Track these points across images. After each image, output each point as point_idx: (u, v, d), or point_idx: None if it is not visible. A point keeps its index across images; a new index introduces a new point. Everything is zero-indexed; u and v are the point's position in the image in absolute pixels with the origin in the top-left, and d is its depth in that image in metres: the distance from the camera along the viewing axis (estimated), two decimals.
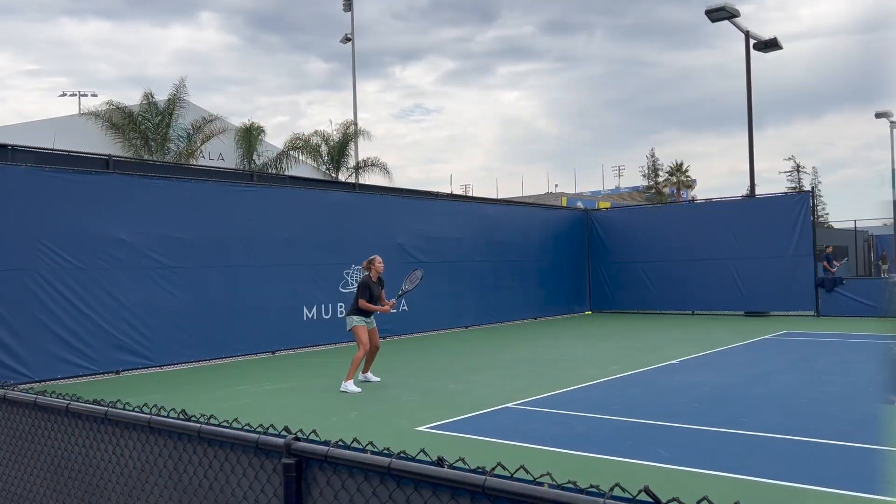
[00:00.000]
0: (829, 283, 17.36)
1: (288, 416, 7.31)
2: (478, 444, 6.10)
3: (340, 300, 13.84)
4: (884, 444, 5.64)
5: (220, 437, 2.46)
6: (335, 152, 28.98)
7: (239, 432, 2.39)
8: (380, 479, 2.01)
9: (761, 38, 20.27)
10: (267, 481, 2.33)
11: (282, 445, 2.21)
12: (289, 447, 2.19)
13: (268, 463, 2.32)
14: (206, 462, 2.55)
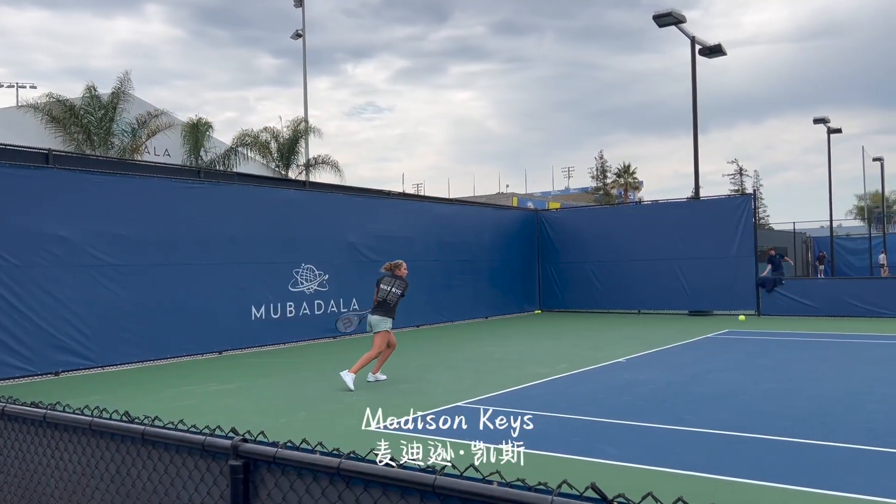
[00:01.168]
0: (770, 283, 17.91)
1: (235, 417, 7.19)
2: (427, 443, 6.10)
3: (290, 300, 13.68)
4: (821, 440, 5.85)
5: (164, 439, 2.41)
6: (285, 149, 28.62)
7: (184, 434, 2.35)
8: (329, 480, 1.99)
9: (706, 44, 20.80)
10: (213, 484, 2.29)
11: (229, 447, 2.18)
12: (236, 449, 2.16)
13: (214, 465, 2.29)
14: (151, 465, 2.49)
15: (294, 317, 13.75)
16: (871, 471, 5.03)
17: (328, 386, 9.05)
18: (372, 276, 15.41)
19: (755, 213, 18.52)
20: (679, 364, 10.30)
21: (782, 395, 7.72)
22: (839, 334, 13.51)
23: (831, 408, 7.05)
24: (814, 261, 41.19)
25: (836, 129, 33.58)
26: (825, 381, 8.52)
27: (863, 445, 5.62)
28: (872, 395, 7.63)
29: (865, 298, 16.67)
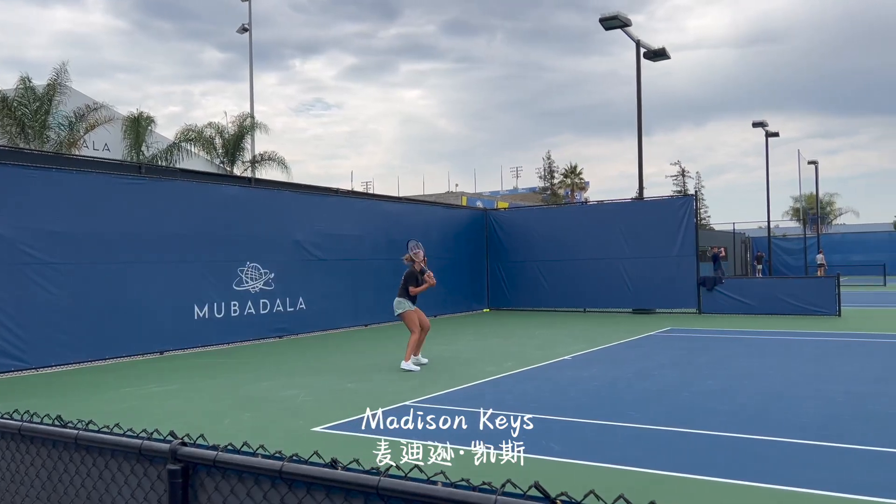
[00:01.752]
0: (710, 281, 18.40)
1: (176, 420, 7.02)
2: (374, 443, 6.07)
3: (234, 298, 13.43)
4: (758, 435, 6.03)
5: (99, 443, 2.33)
6: (230, 145, 28.12)
7: (120, 438, 2.27)
8: (271, 483, 1.96)
9: (651, 48, 21.23)
10: (151, 489, 2.23)
11: (167, 451, 2.11)
12: (174, 453, 2.10)
13: (152, 470, 2.22)
14: (84, 471, 2.40)
15: (239, 316, 13.51)
16: (801, 463, 5.21)
17: (274, 386, 8.92)
18: (318, 275, 15.30)
19: (697, 214, 19.01)
20: (623, 361, 10.49)
21: (721, 392, 7.93)
22: (776, 332, 13.96)
23: (768, 403, 7.27)
24: (752, 260, 42.51)
25: (774, 132, 34.68)
26: (762, 378, 8.78)
27: (796, 440, 5.82)
28: (806, 390, 7.91)
29: (800, 297, 17.27)
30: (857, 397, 7.43)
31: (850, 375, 8.78)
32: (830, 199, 68.18)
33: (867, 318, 16.20)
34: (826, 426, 6.22)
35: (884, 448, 5.49)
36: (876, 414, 6.66)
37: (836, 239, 46.61)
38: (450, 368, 10.11)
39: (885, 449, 5.47)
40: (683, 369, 9.63)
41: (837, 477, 4.83)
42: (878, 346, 11.50)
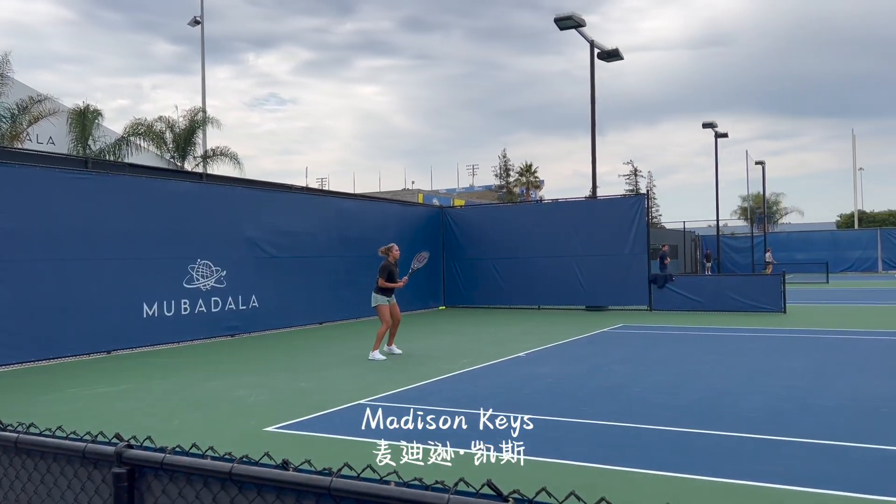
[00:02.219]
0: (661, 279, 18.76)
1: (124, 421, 6.86)
2: (328, 442, 6.03)
3: (185, 296, 13.17)
4: (706, 429, 6.17)
5: (41, 447, 2.25)
6: (181, 140, 27.55)
7: (63, 441, 2.21)
8: (221, 486, 1.92)
9: (604, 48, 21.51)
10: (95, 493, 2.17)
11: (112, 454, 2.06)
12: (120, 456, 2.05)
13: (97, 473, 2.16)
14: (25, 475, 2.33)
15: (189, 314, 13.25)
16: (746, 457, 5.35)
17: (226, 386, 8.78)
18: (272, 273, 15.10)
19: (648, 213, 19.35)
20: (576, 358, 10.62)
21: (671, 387, 8.10)
22: (724, 328, 14.31)
23: (715, 398, 7.45)
24: (701, 258, 43.46)
25: (723, 133, 35.50)
26: (710, 373, 9.00)
27: (741, 433, 5.98)
28: (751, 385, 8.12)
29: (747, 294, 17.74)
30: (800, 392, 7.66)
31: (794, 370, 9.05)
32: (777, 199, 70.18)
33: (811, 315, 16.72)
34: (770, 420, 6.41)
35: (824, 441, 5.67)
36: (817, 407, 6.88)
37: (782, 238, 47.99)
38: (405, 366, 10.10)
39: (826, 441, 5.65)
40: (634, 365, 9.80)
41: (779, 469, 4.98)
42: (821, 342, 11.89)
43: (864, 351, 10.74)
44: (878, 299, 21.71)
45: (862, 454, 5.31)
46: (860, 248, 44.94)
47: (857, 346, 11.34)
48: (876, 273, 42.87)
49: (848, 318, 16.05)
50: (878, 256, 44.38)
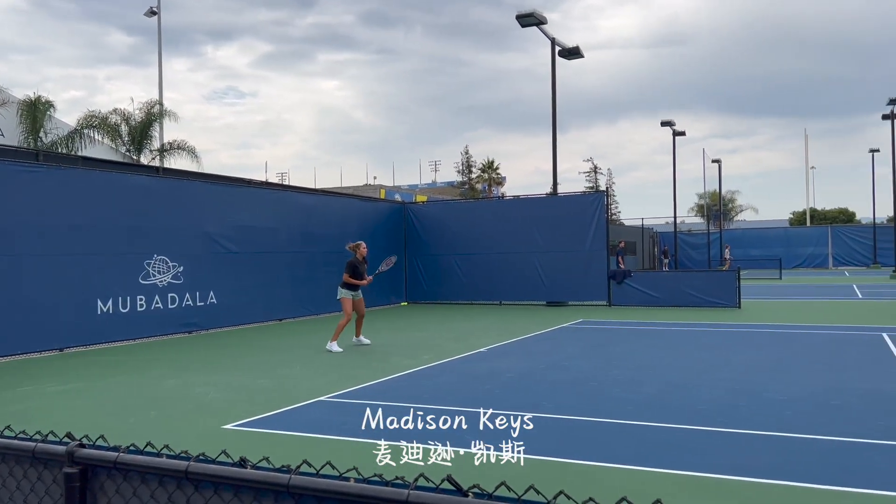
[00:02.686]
0: (620, 275, 19.02)
1: (78, 420, 6.70)
2: (288, 440, 5.98)
3: (141, 293, 12.91)
4: (662, 422, 6.28)
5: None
6: (137, 133, 26.97)
7: (12, 441, 2.15)
8: (176, 485, 1.89)
9: (566, 46, 21.69)
10: (46, 493, 2.11)
11: (63, 453, 2.01)
12: (71, 455, 2.00)
13: (47, 473, 2.11)
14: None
15: (145, 311, 13.00)
16: (700, 449, 5.46)
17: (183, 384, 8.64)
18: (230, 269, 14.89)
19: (608, 210, 19.58)
20: (536, 353, 10.71)
21: (629, 381, 8.22)
22: (680, 323, 14.58)
23: (671, 392, 7.59)
24: (659, 255, 44.17)
25: (681, 132, 36.12)
26: (667, 368, 9.16)
27: (695, 426, 6.10)
28: (706, 379, 8.29)
29: (703, 290, 18.09)
30: (754, 385, 7.85)
31: (747, 364, 9.27)
32: (732, 197, 71.71)
33: (764, 310, 17.13)
34: (723, 413, 6.55)
35: (777, 432, 5.82)
36: (770, 400, 7.05)
37: (737, 234, 49.07)
38: (366, 363, 10.06)
39: (778, 433, 5.80)
40: (593, 360, 9.92)
41: (732, 461, 5.09)
42: (774, 337, 12.19)
43: (814, 345, 11.05)
44: (828, 294, 22.35)
45: (813, 445, 5.47)
46: (812, 245, 46.23)
47: (809, 340, 11.66)
48: (826, 269, 44.13)
49: (800, 312, 16.48)
50: (828, 253, 45.70)
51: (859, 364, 9.09)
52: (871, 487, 4.46)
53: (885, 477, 4.67)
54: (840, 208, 70.23)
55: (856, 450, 5.31)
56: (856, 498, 4.32)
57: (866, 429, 5.85)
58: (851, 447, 5.38)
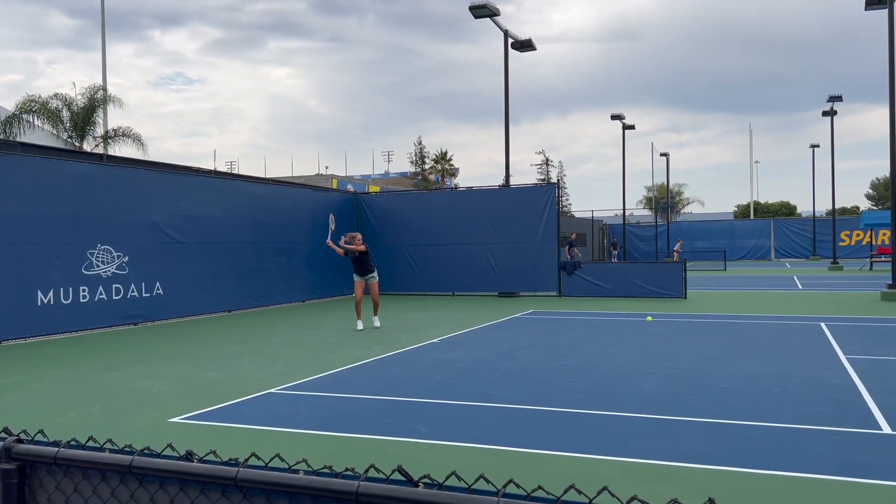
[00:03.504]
0: (570, 266, 19.27)
1: (16, 415, 6.49)
2: (237, 432, 5.90)
3: (83, 283, 12.55)
4: (609, 411, 6.40)
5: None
6: (79, 119, 26.11)
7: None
8: (120, 479, 1.84)
9: (518, 39, 21.78)
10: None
11: (0, 450, 1.94)
12: (9, 451, 1.93)
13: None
14: None
15: (89, 302, 12.64)
16: (646, 437, 5.58)
17: (128, 376, 8.43)
18: (177, 259, 14.57)
19: (559, 202, 19.80)
20: (488, 343, 10.79)
21: (578, 371, 8.35)
22: (628, 313, 14.85)
23: (618, 381, 7.73)
24: (608, 246, 44.90)
25: (630, 125, 36.67)
26: (616, 357, 9.32)
27: (642, 414, 6.24)
28: (652, 368, 8.47)
29: (651, 281, 18.47)
30: (698, 373, 8.05)
31: (693, 353, 9.50)
32: (679, 190, 73.21)
33: (709, 300, 17.58)
34: (670, 401, 6.71)
35: (719, 420, 5.99)
36: (714, 388, 7.25)
37: (684, 227, 50.17)
38: (318, 354, 9.99)
39: (721, 420, 5.97)
40: (543, 350, 10.04)
41: (678, 448, 5.22)
42: (718, 326, 12.52)
43: (757, 334, 11.39)
44: (770, 285, 23.06)
45: (755, 432, 5.64)
46: (755, 238, 47.60)
47: (752, 329, 12.01)
48: (769, 261, 45.52)
49: (743, 303, 16.96)
50: (771, 245, 47.14)
51: (799, 352, 9.41)
52: (808, 472, 4.63)
53: (821, 461, 4.85)
54: (782, 201, 72.44)
55: (795, 435, 5.50)
56: (794, 482, 4.48)
57: (804, 415, 6.06)
58: (791, 433, 5.57)
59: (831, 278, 26.34)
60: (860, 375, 7.69)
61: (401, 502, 1.51)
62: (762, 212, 67.23)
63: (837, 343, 10.11)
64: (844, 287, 21.56)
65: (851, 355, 9.02)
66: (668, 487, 4.39)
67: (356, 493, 1.53)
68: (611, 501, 1.39)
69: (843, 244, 43.01)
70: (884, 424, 5.72)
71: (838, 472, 4.59)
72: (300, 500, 1.64)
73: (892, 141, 17.02)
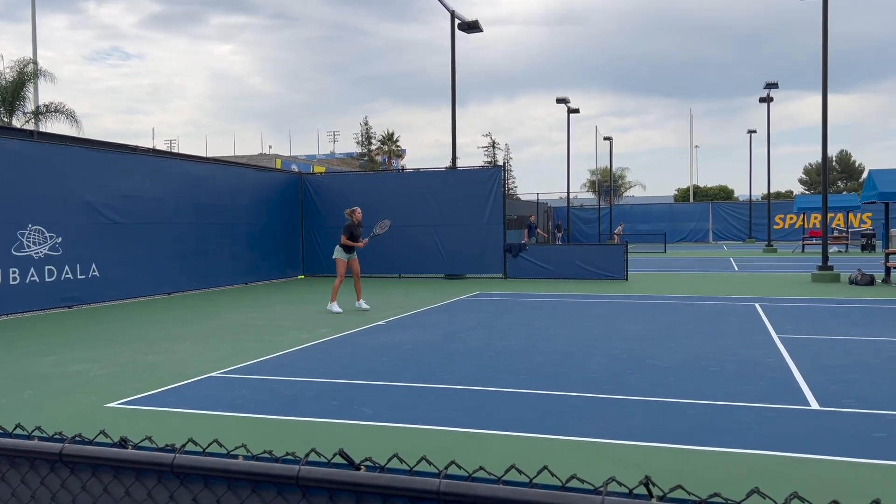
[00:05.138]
0: (515, 248, 19.45)
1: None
2: (177, 417, 5.78)
3: (13, 265, 12.06)
4: (553, 390, 6.50)
5: None
6: (8, 94, 25.00)
7: None
8: (50, 468, 1.78)
9: (465, 20, 21.71)
10: None
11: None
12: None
13: None
14: None
15: (19, 284, 12.16)
16: (589, 415, 5.70)
17: (62, 360, 8.16)
18: (114, 240, 14.13)
19: (505, 184, 19.91)
20: (434, 325, 10.82)
21: (522, 351, 8.45)
22: (571, 294, 15.09)
23: (561, 361, 7.86)
24: (553, 229, 45.46)
25: (575, 109, 37.07)
26: (559, 338, 9.47)
27: (584, 393, 6.36)
28: (595, 348, 8.64)
29: (594, 263, 18.79)
30: (638, 353, 8.24)
31: (634, 334, 9.72)
32: (622, 173, 74.54)
33: (650, 282, 17.99)
34: (611, 380, 6.85)
35: (659, 398, 6.15)
36: (654, 367, 7.43)
37: (626, 210, 51.17)
38: (260, 337, 9.85)
39: (661, 399, 6.13)
40: (488, 331, 10.13)
41: (619, 426, 5.35)
42: (659, 307, 12.83)
43: (696, 315, 11.72)
44: (708, 267, 23.73)
45: (692, 409, 5.81)
46: (694, 220, 48.89)
47: (691, 310, 12.35)
48: (707, 243, 46.85)
49: (683, 284, 17.42)
50: (709, 228, 48.49)
51: (735, 332, 9.73)
52: (742, 447, 4.80)
53: (754, 437, 5.03)
54: (720, 185, 74.53)
55: (730, 412, 5.69)
56: (729, 457, 4.64)
57: (738, 392, 6.28)
58: (726, 410, 5.76)
59: (766, 260, 27.27)
60: (791, 354, 8.00)
61: (342, 485, 1.50)
62: (701, 195, 69.04)
63: (771, 323, 10.48)
64: (778, 269, 22.36)
65: (784, 335, 9.37)
66: (607, 464, 4.49)
67: (297, 478, 1.52)
68: (551, 480, 1.41)
69: (777, 227, 44.58)
70: (812, 401, 5.97)
71: (770, 447, 4.77)
72: (240, 485, 1.62)
73: (825, 127, 17.65)
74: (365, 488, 1.46)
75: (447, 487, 1.39)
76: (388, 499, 1.47)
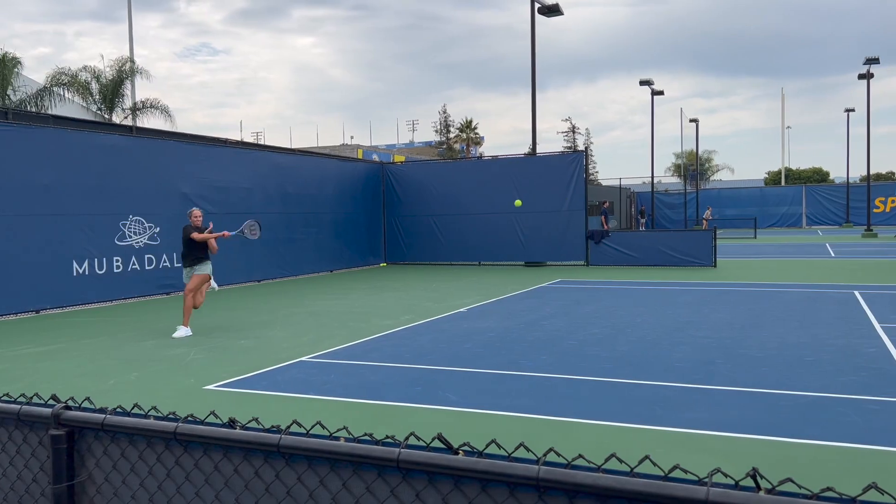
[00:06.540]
0: (598, 235, 19.14)
1: (56, 382, 6.67)
2: (271, 400, 6.00)
3: (117, 254, 12.76)
4: (637, 379, 6.39)
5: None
6: (108, 91, 26.32)
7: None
8: (165, 445, 1.89)
9: (545, 3, 21.41)
10: (32, 455, 2.10)
11: (49, 416, 2.00)
12: (58, 417, 1.98)
13: (32, 436, 2.09)
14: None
15: (122, 272, 12.87)
16: (677, 405, 5.57)
17: (162, 345, 8.60)
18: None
19: (586, 170, 19.60)
20: (515, 312, 10.80)
21: (606, 339, 8.33)
22: (656, 282, 14.74)
23: (647, 350, 7.70)
24: (636, 214, 44.47)
25: (659, 91, 36.04)
26: (643, 326, 9.28)
27: (669, 383, 6.22)
28: (681, 336, 8.43)
29: (680, 249, 18.28)
30: (728, 342, 7.99)
31: (722, 322, 9.42)
32: (709, 157, 72.03)
33: (739, 269, 17.37)
34: (699, 370, 6.67)
35: (750, 388, 5.95)
36: (745, 357, 7.19)
37: (713, 194, 49.45)
38: (346, 323, 10.08)
39: (753, 389, 5.93)
40: (571, 319, 10.03)
41: (709, 416, 5.21)
42: (749, 295, 12.39)
43: (789, 302, 11.25)
44: (801, 253, 22.70)
45: (788, 400, 5.60)
46: (786, 205, 46.77)
47: (783, 297, 11.87)
48: (800, 228, 44.78)
49: (774, 271, 16.74)
50: (802, 212, 46.30)
51: (832, 321, 9.29)
52: (844, 441, 4.59)
53: (856, 430, 4.80)
54: (815, 168, 70.91)
55: (828, 404, 5.45)
56: (829, 451, 4.45)
57: (838, 384, 6.00)
58: (824, 402, 5.52)
59: (866, 246, 25.86)
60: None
61: (441, 469, 1.53)
62: (794, 178, 65.94)
63: (872, 311, 9.95)
64: (880, 255, 21.16)
65: (886, 324, 8.89)
66: (704, 456, 4.39)
67: (397, 461, 1.56)
68: (651, 470, 1.40)
69: (877, 210, 42.15)
70: None
71: (873, 441, 4.55)
72: (342, 466, 1.67)
73: None
74: (464, 472, 1.49)
75: (546, 474, 1.40)
76: (486, 483, 1.49)
